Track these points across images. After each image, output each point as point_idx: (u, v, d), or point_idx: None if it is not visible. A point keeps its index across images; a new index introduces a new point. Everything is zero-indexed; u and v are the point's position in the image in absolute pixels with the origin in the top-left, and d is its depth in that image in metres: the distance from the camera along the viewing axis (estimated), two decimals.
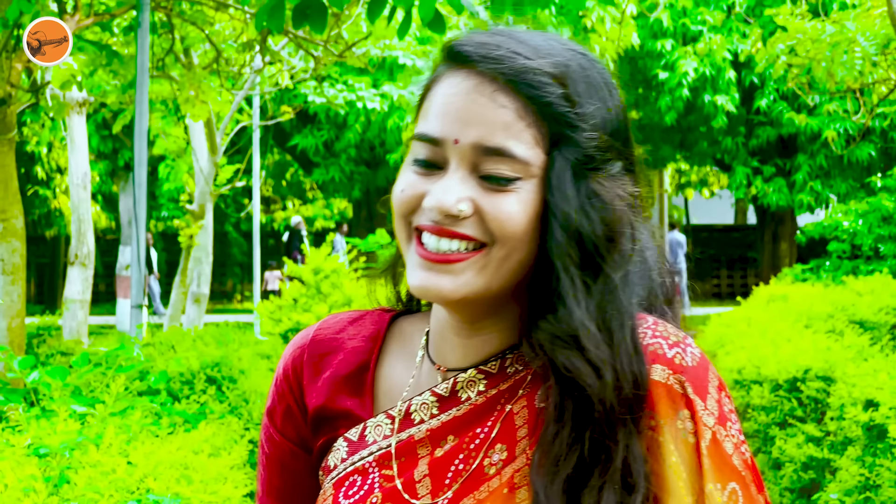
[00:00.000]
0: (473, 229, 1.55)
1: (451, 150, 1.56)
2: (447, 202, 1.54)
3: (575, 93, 1.57)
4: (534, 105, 1.54)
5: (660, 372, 1.55)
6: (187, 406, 6.49)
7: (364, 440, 1.70)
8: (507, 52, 1.56)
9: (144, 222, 9.05)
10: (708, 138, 25.65)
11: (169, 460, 4.27)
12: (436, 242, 1.56)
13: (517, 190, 1.54)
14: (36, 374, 5.35)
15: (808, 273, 16.73)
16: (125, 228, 24.79)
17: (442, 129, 1.57)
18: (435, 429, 1.66)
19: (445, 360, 1.69)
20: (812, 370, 7.62)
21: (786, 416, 7.62)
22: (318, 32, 5.76)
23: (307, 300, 13.62)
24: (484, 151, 1.54)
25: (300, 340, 1.82)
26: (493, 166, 1.54)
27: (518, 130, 1.54)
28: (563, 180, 1.54)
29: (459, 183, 1.55)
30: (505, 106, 1.54)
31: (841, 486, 6.36)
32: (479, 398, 1.64)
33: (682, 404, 1.53)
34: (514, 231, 1.54)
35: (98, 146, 26.68)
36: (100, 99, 14.37)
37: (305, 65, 14.80)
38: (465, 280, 1.56)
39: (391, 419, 1.69)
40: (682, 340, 1.58)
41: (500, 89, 1.55)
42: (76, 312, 13.28)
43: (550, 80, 1.55)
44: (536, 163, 1.54)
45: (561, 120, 1.55)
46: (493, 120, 1.54)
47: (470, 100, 1.56)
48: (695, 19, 23.73)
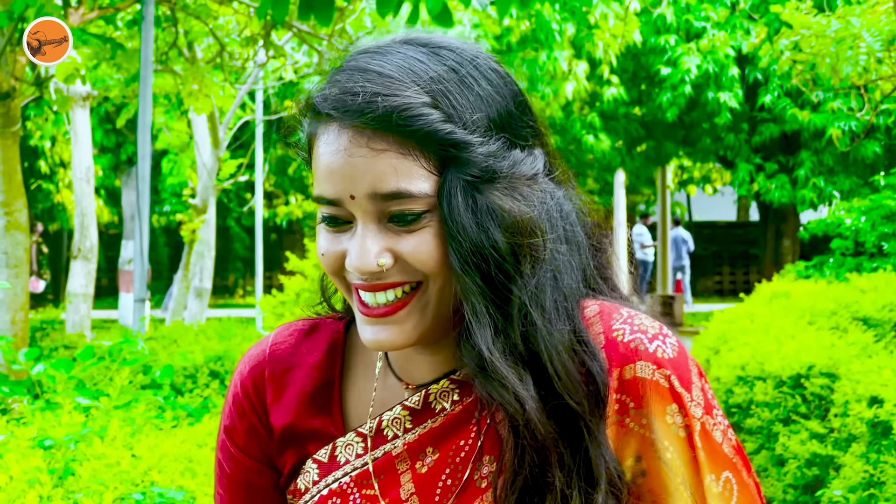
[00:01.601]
0: (401, 275, 1.53)
1: (351, 206, 1.53)
2: (366, 263, 1.52)
3: (451, 108, 1.51)
4: (412, 140, 1.49)
5: (644, 368, 1.53)
6: (190, 400, 6.49)
7: (335, 460, 1.67)
8: (368, 99, 1.51)
9: (147, 217, 9.05)
10: (711, 135, 25.62)
11: (173, 453, 4.27)
12: (372, 298, 1.54)
13: (428, 223, 1.51)
14: (41, 367, 5.35)
15: (811, 270, 16.71)
16: (128, 223, 24.78)
17: (334, 190, 1.53)
18: (412, 443, 1.63)
19: (412, 376, 1.66)
20: (816, 367, 7.61)
21: (789, 412, 7.61)
22: (324, 24, 5.75)
23: (309, 295, 13.62)
24: (382, 198, 1.50)
25: (257, 356, 1.77)
26: (396, 209, 1.51)
27: (406, 169, 1.50)
28: (452, 205, 1.49)
29: (371, 238, 1.52)
30: (384, 150, 1.50)
31: (845, 482, 6.35)
32: (454, 407, 1.62)
33: (669, 399, 1.52)
34: (438, 265, 1.51)
35: (101, 140, 26.67)
36: (103, 93, 14.36)
37: (309, 59, 14.79)
38: (411, 325, 1.54)
39: (362, 437, 1.66)
40: (659, 332, 1.56)
41: (373, 137, 1.50)
42: (79, 306, 13.28)
43: (423, 109, 1.50)
44: (435, 192, 1.51)
45: (445, 143, 1.50)
46: (377, 168, 1.50)
47: (349, 155, 1.51)
48: (698, 16, 23.70)
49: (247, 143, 24.40)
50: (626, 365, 1.53)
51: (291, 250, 16.99)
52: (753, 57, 21.93)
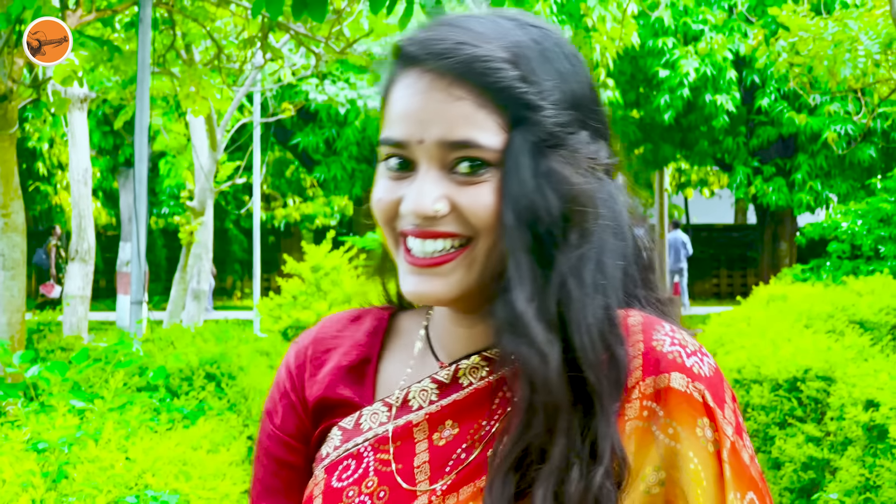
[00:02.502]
0: (454, 225, 1.54)
1: (417, 151, 1.55)
2: (423, 205, 1.53)
3: (530, 71, 1.55)
4: (489, 92, 1.53)
5: (679, 380, 1.53)
6: (186, 402, 6.48)
7: (359, 427, 1.69)
8: (453, 45, 1.55)
9: (145, 219, 9.04)
10: (708, 138, 25.63)
11: (167, 456, 4.26)
12: (420, 245, 1.56)
13: (489, 179, 1.53)
14: (36, 369, 5.34)
15: (807, 273, 16.71)
16: (125, 224, 24.78)
17: (404, 132, 1.56)
18: (434, 413, 1.64)
19: (448, 351, 1.69)
20: (812, 370, 7.61)
21: (786, 415, 7.61)
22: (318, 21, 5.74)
23: (307, 297, 13.63)
24: (449, 146, 1.53)
25: (303, 339, 1.83)
26: (461, 157, 1.53)
27: (479, 119, 1.53)
28: (518, 162, 1.52)
29: (431, 183, 1.54)
30: (462, 98, 1.53)
31: (841, 486, 6.35)
32: (481, 383, 1.63)
33: (701, 413, 1.52)
34: (492, 221, 1.53)
35: (99, 142, 26.67)
36: (101, 95, 14.36)
37: (307, 62, 14.79)
38: (455, 280, 1.55)
39: (388, 406, 1.68)
40: (698, 350, 1.57)
41: (453, 82, 1.53)
42: (76, 308, 13.27)
43: (502, 64, 1.53)
44: (503, 146, 1.53)
45: (519, 102, 1.53)
46: (452, 114, 1.53)
47: (426, 98, 1.55)
48: (696, 18, 23.71)
49: (244, 145, 24.38)
50: (662, 374, 1.53)
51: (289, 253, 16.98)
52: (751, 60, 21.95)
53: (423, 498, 1.61)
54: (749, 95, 24.88)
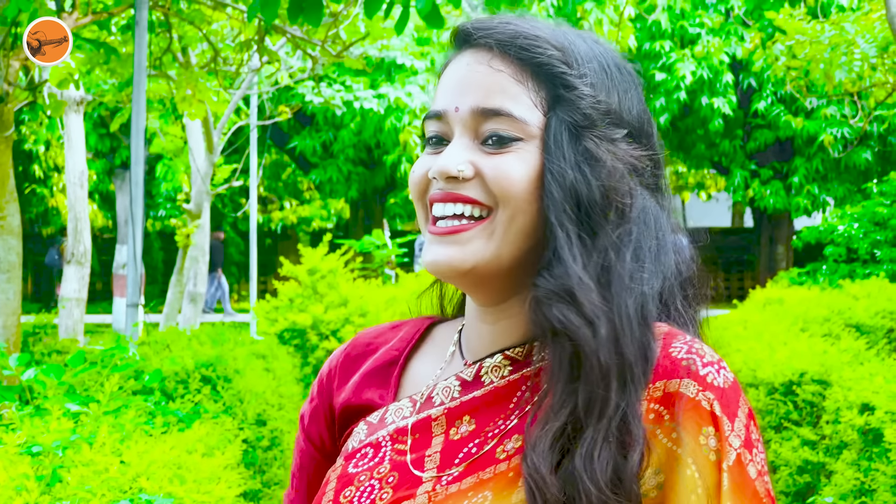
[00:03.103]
0: (476, 192, 1.58)
1: (453, 120, 1.61)
2: (447, 166, 1.58)
3: (572, 56, 1.60)
4: (529, 67, 1.59)
5: (689, 386, 1.52)
6: (181, 405, 6.47)
7: (384, 421, 1.73)
8: (501, 23, 1.62)
9: (141, 221, 9.03)
10: (705, 141, 25.65)
11: (162, 460, 4.25)
12: (442, 209, 1.60)
13: (517, 150, 1.57)
14: (31, 373, 5.33)
15: (804, 276, 16.73)
16: (122, 227, 24.76)
17: (444, 102, 1.63)
18: (452, 408, 1.67)
19: (473, 350, 1.71)
20: (808, 374, 7.61)
21: (781, 419, 7.61)
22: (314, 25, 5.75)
23: (303, 300, 13.61)
24: (483, 114, 1.58)
25: (342, 347, 1.90)
26: (492, 128, 1.58)
27: (515, 92, 1.58)
28: (559, 139, 1.56)
29: (461, 148, 1.60)
30: (501, 70, 1.59)
31: (836, 489, 6.35)
32: (501, 381, 1.65)
33: (708, 421, 1.51)
34: (514, 191, 1.56)
35: (95, 144, 26.65)
36: (97, 98, 14.35)
37: (304, 65, 14.79)
38: (473, 249, 1.58)
39: (412, 402, 1.72)
40: (717, 361, 1.55)
41: (495, 56, 1.60)
42: (72, 311, 13.26)
43: (544, 44, 1.60)
44: (536, 123, 1.58)
45: (557, 81, 1.59)
46: (489, 84, 1.59)
47: (467, 70, 1.62)
48: (693, 22, 23.73)
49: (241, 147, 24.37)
50: (672, 379, 1.53)
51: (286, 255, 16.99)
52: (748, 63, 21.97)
53: (428, 484, 1.63)
54: (746, 99, 24.90)
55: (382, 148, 24.37)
